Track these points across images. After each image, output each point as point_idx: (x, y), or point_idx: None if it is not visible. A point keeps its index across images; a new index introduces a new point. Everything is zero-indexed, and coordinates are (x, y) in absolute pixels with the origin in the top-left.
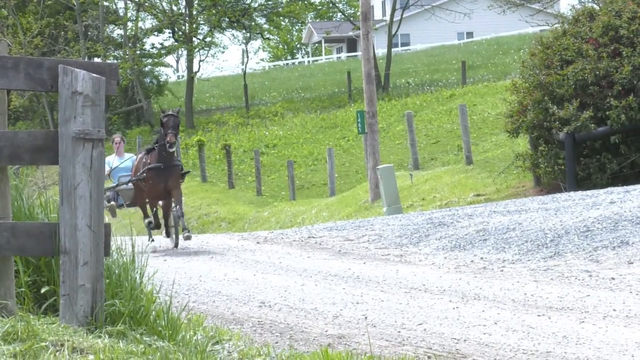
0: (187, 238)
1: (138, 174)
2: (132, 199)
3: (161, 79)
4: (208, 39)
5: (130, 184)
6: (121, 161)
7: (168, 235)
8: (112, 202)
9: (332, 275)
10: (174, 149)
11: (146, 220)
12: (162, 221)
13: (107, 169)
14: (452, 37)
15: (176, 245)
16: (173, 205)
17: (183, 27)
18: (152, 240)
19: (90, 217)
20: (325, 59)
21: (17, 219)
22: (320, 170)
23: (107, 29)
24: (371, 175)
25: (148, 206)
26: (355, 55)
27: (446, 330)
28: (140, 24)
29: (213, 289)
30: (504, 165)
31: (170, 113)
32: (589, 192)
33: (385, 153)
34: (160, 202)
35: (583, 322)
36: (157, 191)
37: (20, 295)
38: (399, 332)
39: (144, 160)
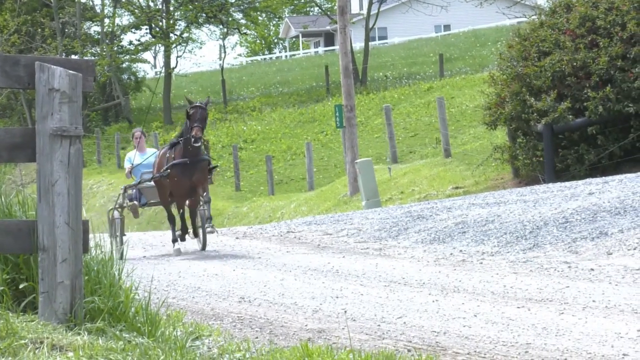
0: (210, 232)
1: (162, 170)
2: (155, 197)
3: (139, 75)
4: (185, 35)
5: (152, 182)
6: (143, 157)
7: (195, 235)
8: (134, 202)
9: (311, 270)
10: (199, 144)
11: (170, 224)
12: (188, 221)
13: (128, 165)
14: (429, 30)
15: (203, 247)
16: (200, 203)
17: (160, 23)
18: (177, 242)
19: (68, 214)
20: (303, 53)
21: None
22: (299, 165)
23: (85, 26)
24: (350, 169)
25: (173, 206)
26: (333, 50)
27: (426, 323)
28: (117, 20)
29: (192, 285)
30: (482, 158)
31: (197, 104)
32: (567, 184)
33: (364, 147)
34: (187, 201)
35: (562, 313)
36: (183, 189)
37: None
38: (379, 325)
39: (167, 155)
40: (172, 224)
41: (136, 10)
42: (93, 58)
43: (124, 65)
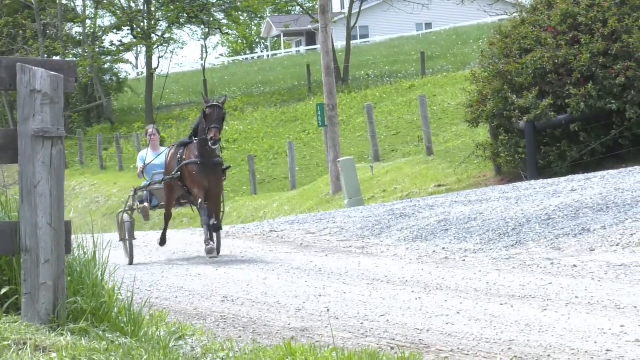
0: (210, 252)
1: (173, 172)
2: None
3: (121, 76)
4: (167, 35)
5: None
6: (156, 156)
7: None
8: (145, 204)
9: (294, 269)
10: (217, 146)
11: (165, 222)
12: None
13: (140, 164)
14: (410, 28)
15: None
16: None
17: (142, 24)
18: (166, 244)
19: (50, 215)
20: (285, 52)
21: None
22: (281, 164)
23: (66, 27)
24: (332, 168)
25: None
26: (315, 49)
27: (409, 321)
28: (99, 21)
29: (175, 285)
30: (464, 155)
31: (215, 104)
32: (549, 181)
33: (346, 145)
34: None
35: (545, 309)
36: (200, 182)
37: None
38: (362, 323)
39: (178, 157)
40: (166, 222)
41: (117, 11)
42: (75, 59)
43: (105, 66)
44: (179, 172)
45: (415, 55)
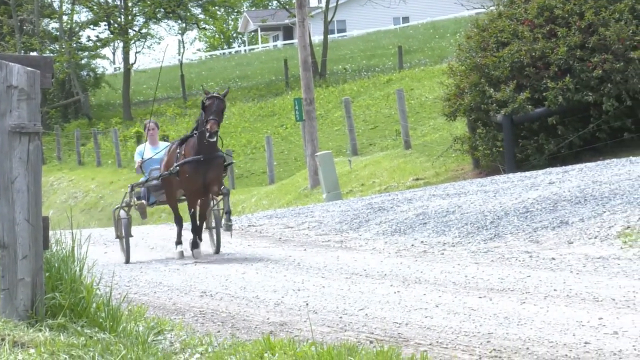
0: (228, 228)
1: (171, 168)
2: (164, 196)
3: (98, 72)
4: (144, 31)
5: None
6: (155, 151)
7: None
8: (143, 201)
9: (273, 263)
10: (215, 139)
11: (177, 226)
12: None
13: (138, 159)
14: (388, 22)
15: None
16: (212, 204)
17: (119, 19)
18: (181, 245)
19: (28, 210)
20: (262, 47)
21: None
22: (259, 159)
23: (43, 23)
24: (310, 162)
25: (182, 205)
26: (292, 43)
27: (388, 315)
28: (75, 17)
29: (154, 280)
30: (442, 149)
31: (214, 95)
32: (527, 174)
33: (324, 140)
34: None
35: (524, 302)
36: (195, 186)
37: None
38: (341, 317)
39: (177, 151)
40: (179, 225)
41: (94, 7)
42: (51, 55)
43: (82, 61)
44: (178, 168)
45: (392, 49)
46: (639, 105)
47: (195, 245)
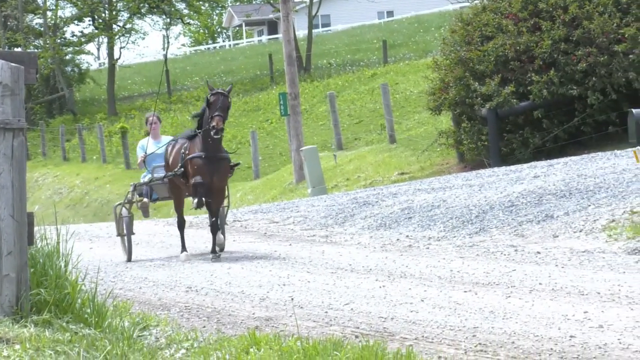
0: (216, 258)
1: (175, 169)
2: (167, 192)
3: (82, 67)
4: (128, 26)
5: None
6: (158, 146)
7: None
8: (145, 199)
9: (258, 258)
10: (220, 136)
11: (180, 231)
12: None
13: (140, 154)
14: (372, 16)
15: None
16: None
17: (103, 15)
18: (187, 252)
19: (12, 206)
20: (247, 42)
21: None
22: (244, 154)
23: (27, 19)
24: (295, 157)
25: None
26: (277, 38)
27: (373, 309)
28: (60, 12)
29: (139, 275)
30: (427, 143)
31: (219, 91)
32: (512, 167)
33: (309, 134)
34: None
35: (509, 296)
36: (203, 185)
37: None
38: (326, 312)
39: (182, 151)
40: (182, 230)
41: (78, 2)
42: (35, 50)
43: (67, 57)
44: (182, 168)
45: (377, 44)
46: (623, 99)
47: (186, 249)
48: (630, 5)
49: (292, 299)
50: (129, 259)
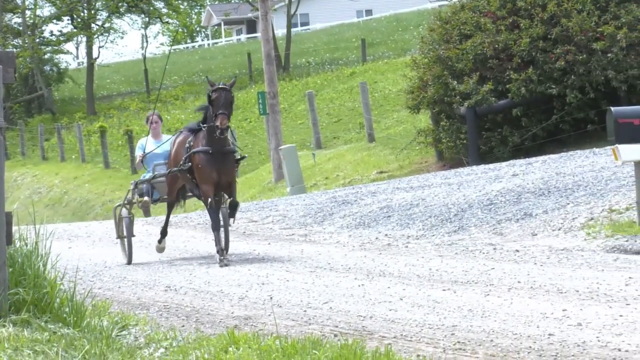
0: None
1: (180, 164)
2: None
3: (61, 67)
4: (107, 25)
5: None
6: (158, 145)
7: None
8: (146, 198)
9: (237, 257)
10: (226, 135)
11: (168, 210)
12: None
13: (140, 153)
14: (351, 15)
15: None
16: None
17: (82, 14)
18: (164, 239)
19: None
20: (225, 41)
21: None
22: None
23: (6, 18)
24: (274, 156)
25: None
26: (255, 37)
27: (352, 308)
28: (38, 11)
29: (118, 275)
30: (406, 142)
31: (220, 86)
32: (491, 166)
33: (288, 133)
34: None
35: (488, 295)
36: (210, 177)
37: None
38: (305, 311)
39: (186, 145)
40: (170, 209)
41: (57, 1)
42: (14, 50)
43: (46, 56)
44: (189, 163)
45: (355, 42)
46: (602, 97)
47: (167, 232)
48: (608, 3)
49: (271, 298)
50: (130, 262)
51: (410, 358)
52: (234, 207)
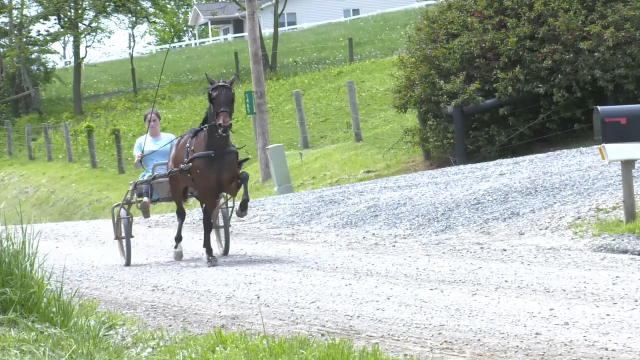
0: (241, 215)
1: (181, 165)
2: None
3: (48, 66)
4: (94, 24)
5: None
6: (156, 144)
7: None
8: (145, 198)
9: (224, 257)
10: (228, 133)
11: (179, 219)
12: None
13: (138, 153)
14: (338, 14)
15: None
16: (220, 203)
17: (69, 13)
18: (181, 243)
19: None
20: (212, 40)
21: None
22: None
23: None
24: (261, 155)
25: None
26: (242, 36)
27: (339, 307)
28: (25, 11)
29: (106, 274)
30: (393, 141)
31: (220, 84)
32: (478, 165)
33: (275, 133)
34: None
35: (475, 294)
36: (209, 183)
37: None
38: (292, 310)
39: (187, 146)
40: (181, 218)
41: (44, 1)
42: (0, 49)
43: (33, 56)
44: (190, 164)
45: (343, 42)
46: (588, 96)
47: (181, 238)
48: (595, 3)
49: (259, 297)
50: (128, 263)
51: (398, 357)
52: (244, 207)
